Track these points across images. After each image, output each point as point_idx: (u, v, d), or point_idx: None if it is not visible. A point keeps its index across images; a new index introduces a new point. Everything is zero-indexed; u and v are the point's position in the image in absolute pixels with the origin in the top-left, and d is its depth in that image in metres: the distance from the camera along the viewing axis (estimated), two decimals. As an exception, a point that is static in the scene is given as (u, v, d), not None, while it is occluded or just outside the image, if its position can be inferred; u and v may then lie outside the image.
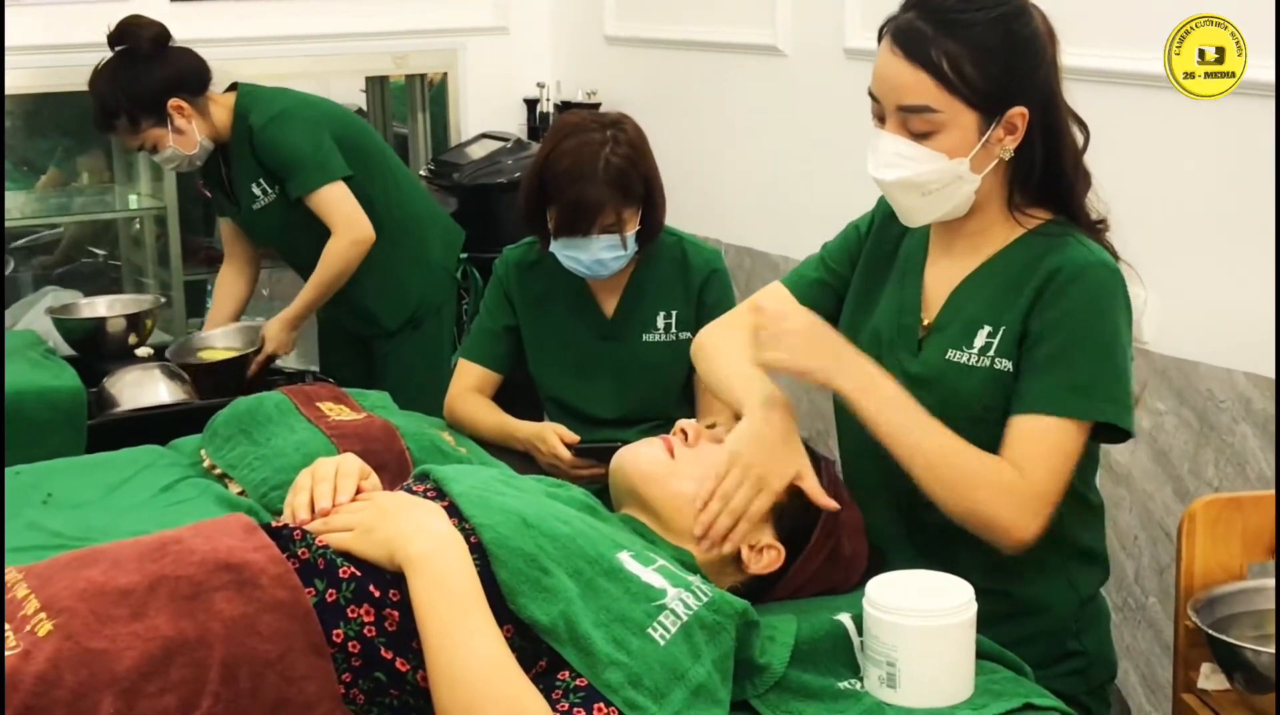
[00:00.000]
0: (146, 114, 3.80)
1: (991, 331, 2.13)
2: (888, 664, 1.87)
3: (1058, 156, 2.13)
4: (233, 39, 4.85)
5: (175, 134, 3.83)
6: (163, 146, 3.84)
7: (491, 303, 3.16)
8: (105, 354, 3.92)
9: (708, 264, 3.11)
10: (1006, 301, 2.13)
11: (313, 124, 3.89)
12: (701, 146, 4.75)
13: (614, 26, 5.14)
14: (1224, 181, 3.10)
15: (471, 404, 3.10)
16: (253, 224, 4.04)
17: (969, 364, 2.13)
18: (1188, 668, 2.36)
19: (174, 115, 3.81)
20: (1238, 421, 3.10)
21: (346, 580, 1.77)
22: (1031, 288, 2.10)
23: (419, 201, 4.19)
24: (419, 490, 2.00)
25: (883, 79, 2.09)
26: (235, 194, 3.99)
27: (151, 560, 1.75)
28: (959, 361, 2.14)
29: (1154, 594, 3.31)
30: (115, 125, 3.84)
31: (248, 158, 3.89)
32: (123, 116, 3.80)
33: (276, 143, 3.84)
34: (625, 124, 3.01)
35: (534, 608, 1.76)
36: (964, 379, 2.13)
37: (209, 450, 2.82)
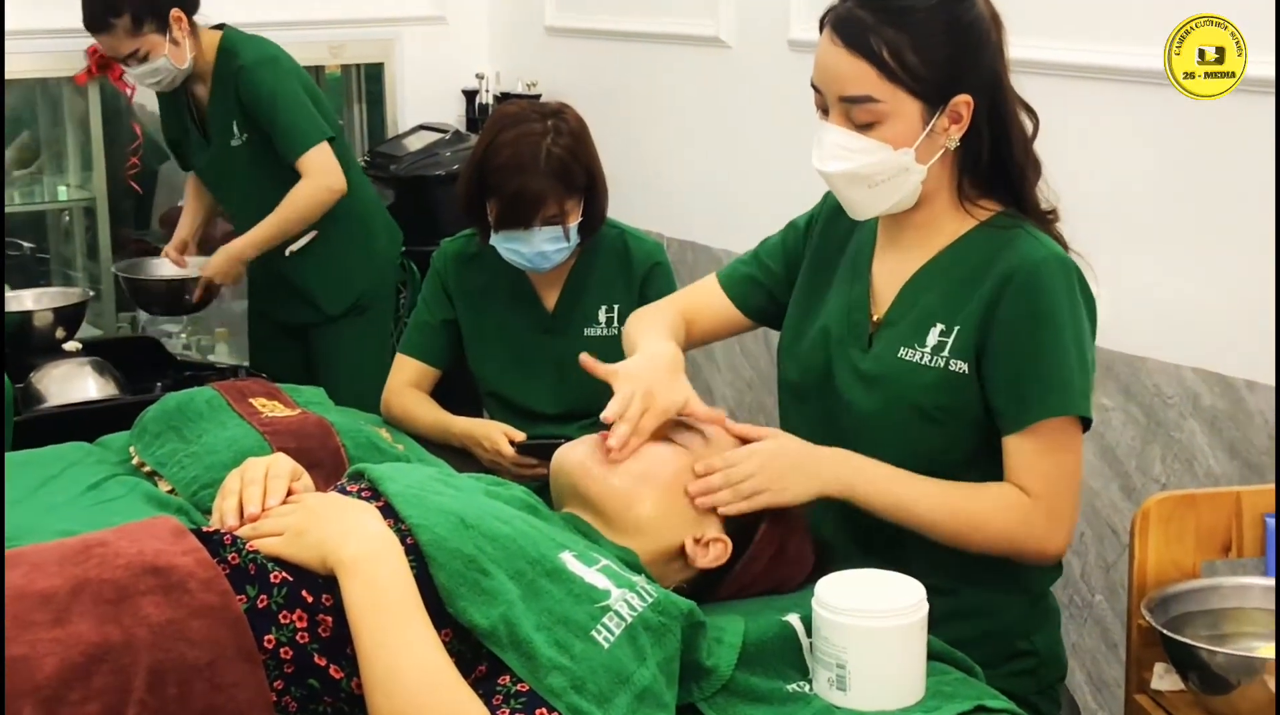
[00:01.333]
0: (151, 17, 3.83)
1: (945, 330, 2.10)
2: (838, 666, 1.84)
3: (1006, 145, 2.10)
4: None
5: (171, 45, 3.85)
6: (156, 55, 3.86)
7: (429, 296, 3.12)
8: (32, 348, 3.85)
9: (650, 257, 3.08)
10: (960, 299, 2.10)
11: (300, 79, 3.97)
12: (643, 139, 4.71)
13: (554, 17, 5.10)
14: (1170, 176, 3.09)
15: (409, 400, 3.06)
16: (218, 164, 4.06)
17: (922, 363, 2.10)
18: (1140, 668, 2.34)
19: (174, 26, 3.83)
20: (1185, 417, 3.08)
21: (278, 585, 1.71)
22: (986, 289, 2.08)
23: (366, 188, 4.21)
24: (353, 490, 1.94)
25: (824, 69, 2.06)
26: (206, 129, 4.02)
27: (74, 563, 1.69)
28: (911, 360, 2.11)
29: (1100, 591, 3.30)
30: (114, 25, 3.84)
31: (229, 95, 3.93)
32: (126, 15, 3.81)
33: (263, 86, 3.88)
34: (566, 114, 2.98)
35: (473, 611, 1.71)
36: (916, 378, 2.10)
37: (138, 447, 2.76)
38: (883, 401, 2.09)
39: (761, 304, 2.36)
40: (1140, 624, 2.28)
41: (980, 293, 2.08)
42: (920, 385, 2.09)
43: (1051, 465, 2.06)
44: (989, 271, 2.08)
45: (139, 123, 5.06)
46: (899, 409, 2.07)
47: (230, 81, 3.90)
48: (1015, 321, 2.05)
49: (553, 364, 3.06)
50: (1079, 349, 2.06)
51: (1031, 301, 2.05)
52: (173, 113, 4.13)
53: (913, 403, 2.09)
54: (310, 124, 3.89)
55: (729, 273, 2.41)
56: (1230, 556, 2.42)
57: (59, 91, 5.04)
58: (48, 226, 5.40)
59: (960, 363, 2.08)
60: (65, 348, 3.88)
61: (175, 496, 2.56)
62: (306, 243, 4.04)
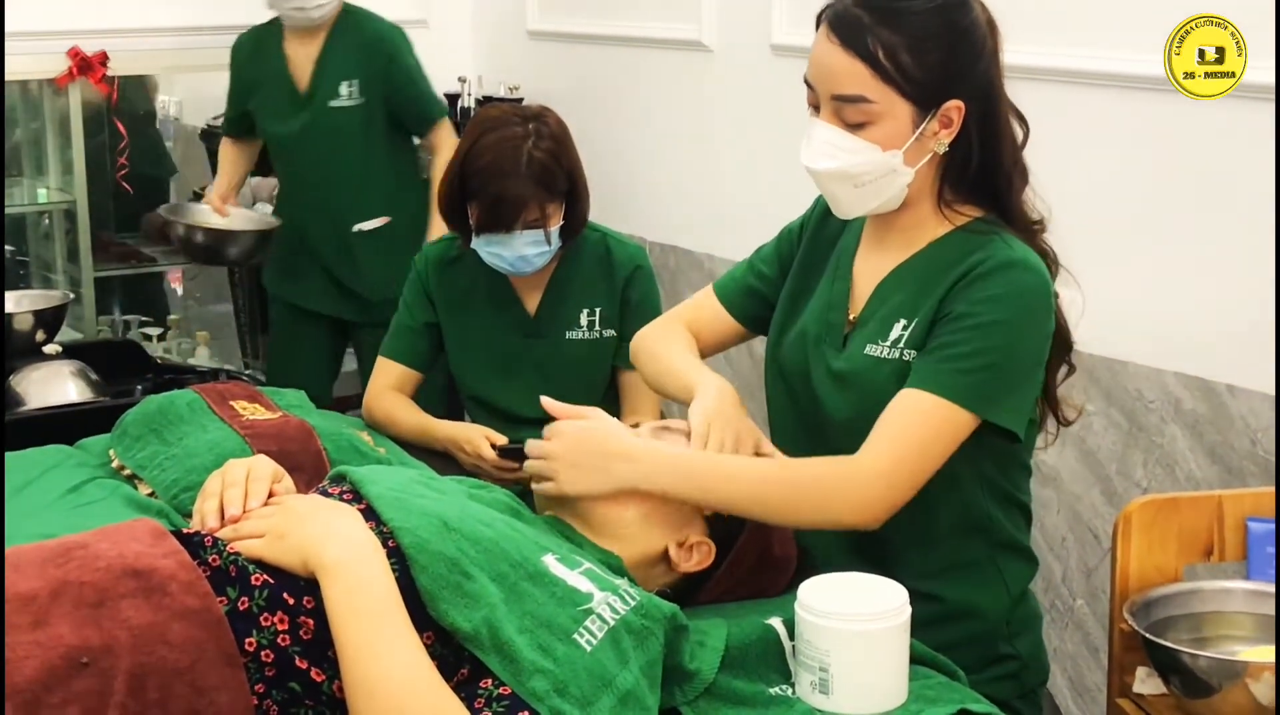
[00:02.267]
0: None
1: (906, 323, 2.09)
2: (820, 669, 1.83)
3: (994, 152, 2.09)
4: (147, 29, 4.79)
5: None
6: None
7: (411, 299, 3.12)
8: (12, 351, 3.82)
9: (632, 261, 3.08)
10: (924, 294, 2.09)
11: None
12: (626, 143, 4.71)
13: (536, 20, 5.09)
14: (1153, 181, 3.10)
15: (390, 403, 3.05)
16: (315, 126, 4.14)
17: (882, 357, 2.09)
18: (1123, 671, 2.34)
19: None
20: (1166, 422, 3.08)
21: (259, 587, 1.70)
22: (950, 279, 2.06)
23: None
24: (335, 492, 1.94)
25: (818, 67, 2.05)
26: (310, 85, 4.11)
27: (54, 565, 1.68)
28: (875, 356, 2.10)
29: (1082, 596, 3.30)
30: None
31: (349, 55, 4.10)
32: None
33: (407, 54, 4.12)
34: (547, 117, 2.97)
35: (455, 614, 1.70)
36: (877, 373, 2.09)
37: (118, 450, 2.75)
38: (855, 401, 2.08)
39: (759, 313, 2.34)
40: (1122, 628, 2.28)
41: (944, 282, 2.06)
42: (880, 380, 2.07)
43: (909, 435, 1.99)
44: (956, 267, 2.07)
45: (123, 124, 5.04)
46: (866, 407, 2.05)
47: (355, 41, 4.05)
48: (966, 304, 2.02)
49: (534, 367, 3.06)
50: (1016, 353, 2.03)
51: (989, 291, 2.02)
52: (262, 69, 4.20)
53: (878, 399, 2.05)
54: (436, 98, 4.16)
55: (725, 284, 2.40)
56: (1212, 560, 2.42)
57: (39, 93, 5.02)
58: (27, 229, 5.38)
59: (912, 352, 2.07)
60: (45, 350, 3.85)
61: (155, 499, 2.55)
62: (378, 226, 4.17)
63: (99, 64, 4.71)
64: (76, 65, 4.70)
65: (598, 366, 3.06)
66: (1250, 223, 2.85)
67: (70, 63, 4.70)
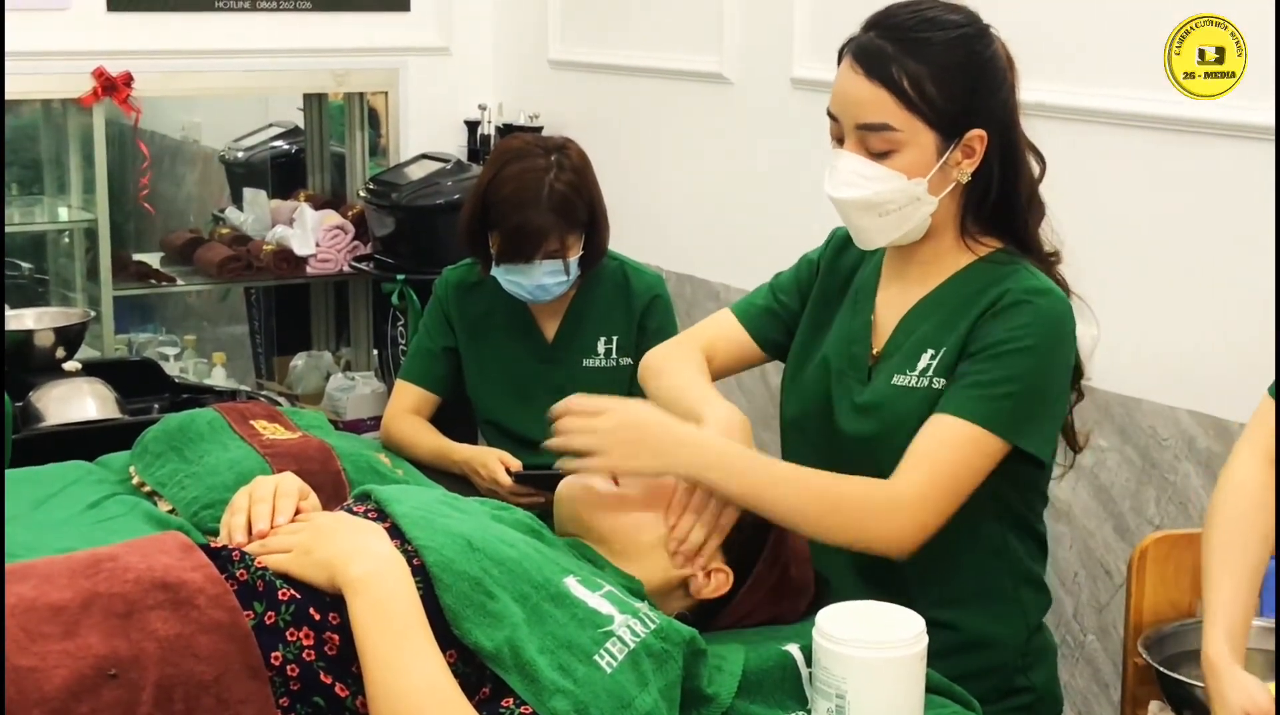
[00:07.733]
0: None
1: (934, 353, 2.11)
2: (837, 696, 1.84)
3: (1013, 184, 2.12)
4: (171, 51, 4.81)
5: None
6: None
7: (431, 323, 3.13)
8: (32, 367, 3.84)
9: (650, 289, 3.09)
10: (951, 325, 2.11)
11: None
12: (644, 173, 4.73)
13: (558, 50, 5.12)
14: (1168, 220, 3.11)
15: (409, 425, 3.07)
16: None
17: (910, 386, 2.11)
18: (1135, 705, 2.35)
19: None
20: (1180, 459, 3.10)
21: (286, 602, 1.72)
22: (977, 309, 2.08)
23: None
24: (360, 511, 1.95)
25: (842, 97, 2.07)
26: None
27: (85, 576, 1.70)
28: (902, 385, 2.12)
29: (1093, 631, 3.30)
30: None
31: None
32: None
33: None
34: (569, 149, 2.99)
35: (478, 633, 1.72)
36: (904, 401, 2.11)
37: (138, 467, 2.76)
38: (880, 427, 2.09)
39: (778, 337, 2.36)
40: (1136, 662, 2.29)
41: (972, 312, 2.09)
42: (908, 408, 2.09)
43: (942, 461, 2.01)
44: (984, 294, 2.09)
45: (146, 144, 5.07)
46: (895, 434, 2.06)
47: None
48: (996, 332, 2.05)
49: (551, 393, 3.03)
50: (1037, 379, 2.05)
51: (1018, 320, 2.05)
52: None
53: (905, 428, 2.07)
54: None
55: (745, 307, 2.40)
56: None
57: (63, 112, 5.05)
58: (48, 247, 5.41)
59: (941, 380, 2.09)
60: (65, 367, 3.87)
61: (175, 516, 2.56)
62: None
63: (124, 84, 4.74)
64: (101, 85, 4.73)
65: (614, 394, 3.03)
66: (1265, 262, 2.86)
67: (95, 83, 4.74)
